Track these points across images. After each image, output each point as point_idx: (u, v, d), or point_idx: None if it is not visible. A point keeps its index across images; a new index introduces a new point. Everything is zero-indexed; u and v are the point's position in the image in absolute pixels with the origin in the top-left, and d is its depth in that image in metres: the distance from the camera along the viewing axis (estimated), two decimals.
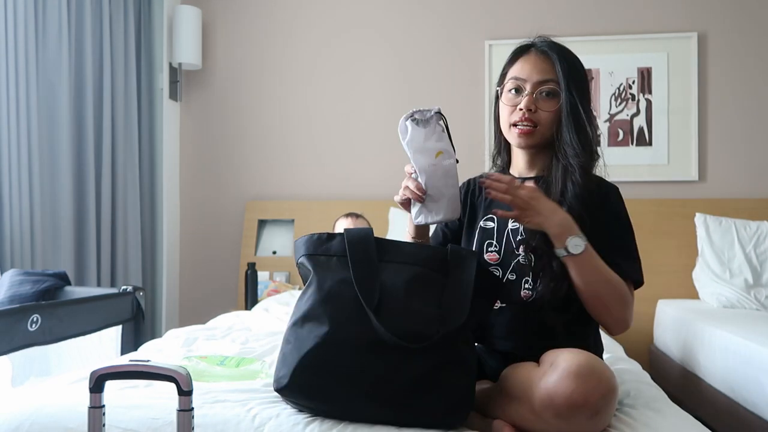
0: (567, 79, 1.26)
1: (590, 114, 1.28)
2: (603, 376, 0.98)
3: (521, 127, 1.28)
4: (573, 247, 1.14)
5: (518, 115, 1.28)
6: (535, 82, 1.28)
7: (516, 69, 1.31)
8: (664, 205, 3.13)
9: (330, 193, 3.45)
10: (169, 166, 3.46)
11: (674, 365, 2.61)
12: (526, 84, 1.28)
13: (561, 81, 1.26)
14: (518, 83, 1.30)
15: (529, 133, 1.28)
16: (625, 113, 3.24)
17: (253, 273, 2.99)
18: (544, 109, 1.27)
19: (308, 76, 3.50)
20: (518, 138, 1.29)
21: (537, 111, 1.27)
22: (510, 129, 1.31)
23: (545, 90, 1.27)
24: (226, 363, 1.43)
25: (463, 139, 3.38)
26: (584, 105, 1.27)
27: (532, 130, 1.27)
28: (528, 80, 1.28)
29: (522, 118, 1.27)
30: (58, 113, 2.75)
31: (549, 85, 1.27)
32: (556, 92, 1.27)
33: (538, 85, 1.27)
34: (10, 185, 2.49)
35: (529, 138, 1.28)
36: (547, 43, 1.31)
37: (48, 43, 2.72)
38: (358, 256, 1.11)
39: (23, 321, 1.76)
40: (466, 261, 1.14)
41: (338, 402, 1.05)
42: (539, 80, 1.27)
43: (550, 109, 1.27)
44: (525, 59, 1.31)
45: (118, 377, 0.92)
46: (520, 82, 1.29)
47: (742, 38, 3.17)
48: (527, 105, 1.27)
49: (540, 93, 1.27)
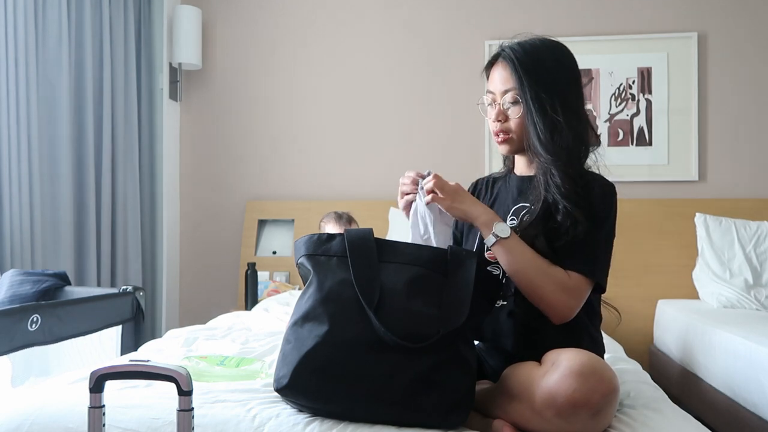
0: (528, 84, 1.26)
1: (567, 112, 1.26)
2: (605, 375, 0.98)
3: (498, 138, 1.34)
4: (500, 231, 1.19)
5: (494, 127, 1.34)
6: (500, 93, 1.31)
7: (489, 81, 1.36)
8: (664, 205, 3.13)
9: (330, 193, 3.45)
10: (169, 166, 3.46)
11: (674, 365, 2.61)
12: (496, 95, 1.33)
13: (519, 87, 1.27)
14: (491, 96, 1.34)
15: (505, 141, 1.33)
16: (625, 113, 3.24)
17: (253, 273, 2.99)
18: (513, 116, 1.31)
19: (308, 76, 3.50)
20: (499, 147, 1.36)
21: (508, 120, 1.31)
22: (494, 139, 1.36)
23: (509, 98, 1.30)
24: (226, 363, 1.43)
25: (464, 139, 3.41)
26: (553, 105, 1.25)
27: (507, 139, 1.33)
28: (495, 91, 1.33)
29: (496, 130, 1.33)
30: (58, 113, 2.75)
31: (511, 93, 1.29)
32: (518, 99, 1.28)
33: (503, 95, 1.31)
34: (10, 185, 2.49)
35: (508, 146, 1.34)
36: (509, 49, 1.31)
37: (48, 43, 2.72)
38: (358, 256, 1.12)
39: (23, 321, 1.76)
40: (466, 261, 1.14)
41: (338, 402, 1.05)
42: (503, 90, 1.31)
43: (517, 116, 1.30)
44: (493, 70, 1.35)
45: (118, 377, 0.92)
46: (492, 95, 1.34)
47: (742, 38, 3.17)
48: (495, 117, 1.33)
49: (505, 102, 1.31)
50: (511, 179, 1.42)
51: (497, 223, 1.20)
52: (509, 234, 1.19)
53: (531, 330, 1.26)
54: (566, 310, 1.19)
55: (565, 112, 1.26)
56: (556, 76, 1.29)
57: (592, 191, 1.24)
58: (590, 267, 1.21)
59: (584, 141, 1.30)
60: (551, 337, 1.19)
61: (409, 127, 3.40)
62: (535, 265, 1.19)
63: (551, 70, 1.29)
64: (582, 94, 1.34)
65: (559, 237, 1.21)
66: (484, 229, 1.21)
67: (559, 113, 1.25)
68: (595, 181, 1.28)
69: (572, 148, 1.26)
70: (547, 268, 1.19)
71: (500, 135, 1.33)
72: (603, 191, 1.27)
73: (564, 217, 1.21)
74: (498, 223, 1.19)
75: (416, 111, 3.41)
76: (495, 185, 1.46)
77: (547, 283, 1.18)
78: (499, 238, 1.18)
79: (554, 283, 1.18)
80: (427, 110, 3.40)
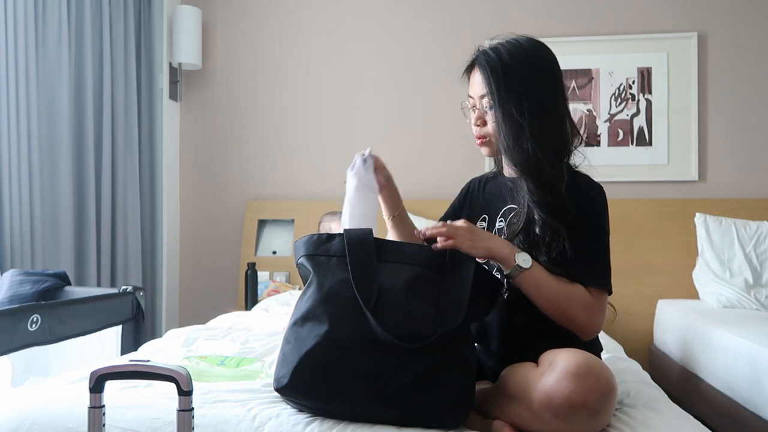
0: (496, 88, 1.26)
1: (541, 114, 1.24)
2: (601, 375, 0.98)
3: (478, 141, 1.35)
4: (522, 261, 1.16)
5: (474, 131, 1.35)
6: (478, 97, 1.32)
7: (469, 86, 1.37)
8: (664, 205, 3.13)
9: (330, 193, 3.45)
10: (169, 166, 3.46)
11: (674, 365, 2.61)
12: (475, 100, 1.34)
13: (489, 93, 1.27)
14: (471, 100, 1.35)
15: (483, 144, 1.34)
16: (625, 113, 3.24)
17: (253, 273, 2.99)
18: (489, 121, 1.31)
19: (308, 76, 3.50)
20: (481, 149, 1.37)
21: (486, 124, 1.32)
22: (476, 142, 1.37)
23: (485, 103, 1.30)
24: (226, 363, 1.43)
25: (464, 139, 3.40)
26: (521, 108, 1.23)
27: (485, 142, 1.34)
28: (473, 96, 1.34)
29: (476, 134, 1.35)
30: (58, 113, 2.75)
31: (486, 98, 1.29)
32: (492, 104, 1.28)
33: (480, 100, 1.31)
34: (10, 185, 2.49)
35: (488, 148, 1.35)
36: (483, 53, 1.31)
37: (48, 43, 2.72)
38: (357, 256, 1.12)
39: (23, 321, 1.76)
40: (465, 261, 1.14)
41: (338, 402, 1.05)
42: (480, 95, 1.31)
43: (493, 121, 1.29)
44: (472, 75, 1.35)
45: (118, 377, 0.92)
46: (471, 99, 1.35)
47: (742, 38, 3.17)
48: (474, 122, 1.34)
49: (483, 107, 1.31)
50: (500, 180, 1.42)
51: (518, 253, 1.17)
52: (531, 264, 1.17)
53: (523, 331, 1.25)
54: (595, 327, 1.21)
55: (539, 114, 1.23)
56: (528, 78, 1.26)
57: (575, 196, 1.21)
58: (606, 279, 1.23)
59: (560, 144, 1.26)
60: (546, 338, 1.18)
61: (408, 127, 3.40)
62: (559, 291, 1.18)
63: (522, 72, 1.26)
64: (562, 93, 1.30)
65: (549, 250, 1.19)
66: (504, 262, 1.18)
67: (526, 117, 1.22)
68: (581, 185, 1.25)
69: (543, 153, 1.22)
70: (571, 291, 1.18)
71: (479, 139, 1.34)
72: (591, 195, 1.24)
73: (542, 229, 1.20)
74: (519, 254, 1.17)
75: (416, 111, 3.41)
76: (487, 186, 1.46)
77: (573, 307, 1.18)
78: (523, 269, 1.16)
79: (580, 305, 1.18)
80: (427, 110, 3.39)
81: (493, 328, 1.29)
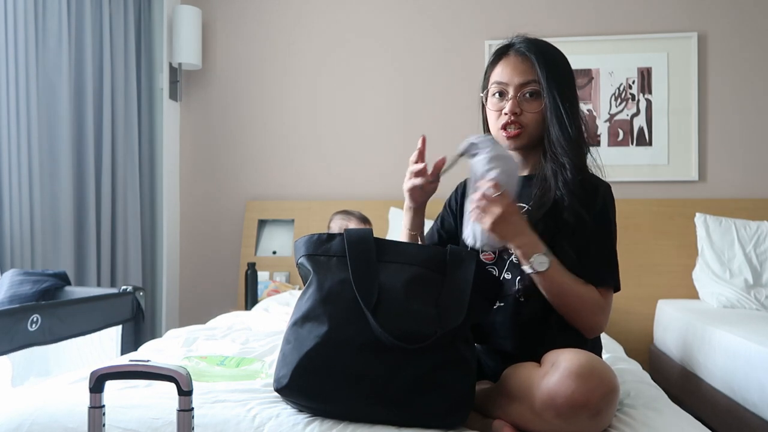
0: (548, 78, 1.27)
1: (575, 109, 1.29)
2: (604, 376, 0.98)
3: (510, 130, 1.30)
4: (538, 264, 1.16)
5: (505, 119, 1.30)
6: (517, 85, 1.29)
7: (497, 73, 1.33)
8: (664, 205, 3.13)
9: (330, 193, 3.45)
10: (169, 166, 3.46)
11: (674, 365, 2.61)
12: (508, 87, 1.30)
13: (542, 81, 1.27)
14: (501, 87, 1.32)
15: (517, 135, 1.30)
16: (625, 113, 3.23)
17: (253, 273, 2.99)
18: (529, 110, 1.29)
19: (308, 76, 3.50)
20: (508, 141, 1.31)
21: (522, 113, 1.29)
22: (499, 132, 1.32)
23: (528, 91, 1.29)
24: (226, 363, 1.42)
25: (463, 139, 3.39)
26: (569, 100, 1.27)
27: (520, 132, 1.30)
28: (510, 83, 1.30)
29: (509, 121, 1.29)
30: (58, 113, 2.75)
31: (531, 87, 1.28)
32: (539, 93, 1.28)
33: (521, 88, 1.29)
34: (10, 185, 2.49)
35: (518, 140, 1.31)
36: (526, 42, 1.32)
37: (48, 43, 2.72)
38: (357, 256, 1.11)
39: (23, 321, 1.76)
40: (465, 261, 1.14)
41: (338, 402, 1.05)
42: (521, 82, 1.29)
43: (535, 111, 1.28)
44: (505, 62, 1.32)
45: (118, 377, 0.92)
46: (503, 86, 1.31)
47: (742, 38, 3.17)
48: (512, 109, 1.29)
49: (523, 95, 1.29)
50: None
51: (536, 255, 1.16)
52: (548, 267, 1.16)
53: (530, 331, 1.26)
54: (601, 326, 1.23)
55: (576, 105, 1.29)
56: (564, 69, 1.32)
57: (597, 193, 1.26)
58: (615, 280, 1.25)
59: (586, 140, 1.32)
60: (551, 338, 1.19)
61: (409, 126, 3.40)
62: (573, 293, 1.19)
63: (559, 62, 1.31)
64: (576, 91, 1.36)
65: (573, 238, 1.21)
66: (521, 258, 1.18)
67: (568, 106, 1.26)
68: (596, 182, 1.29)
69: (580, 145, 1.28)
70: (584, 293, 1.20)
71: (511, 128, 1.29)
72: (607, 194, 1.29)
73: (570, 214, 1.21)
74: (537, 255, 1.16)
75: (416, 111, 3.41)
76: None
77: (584, 308, 1.20)
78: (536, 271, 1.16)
79: (591, 307, 1.20)
80: (427, 110, 3.39)
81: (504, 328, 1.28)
